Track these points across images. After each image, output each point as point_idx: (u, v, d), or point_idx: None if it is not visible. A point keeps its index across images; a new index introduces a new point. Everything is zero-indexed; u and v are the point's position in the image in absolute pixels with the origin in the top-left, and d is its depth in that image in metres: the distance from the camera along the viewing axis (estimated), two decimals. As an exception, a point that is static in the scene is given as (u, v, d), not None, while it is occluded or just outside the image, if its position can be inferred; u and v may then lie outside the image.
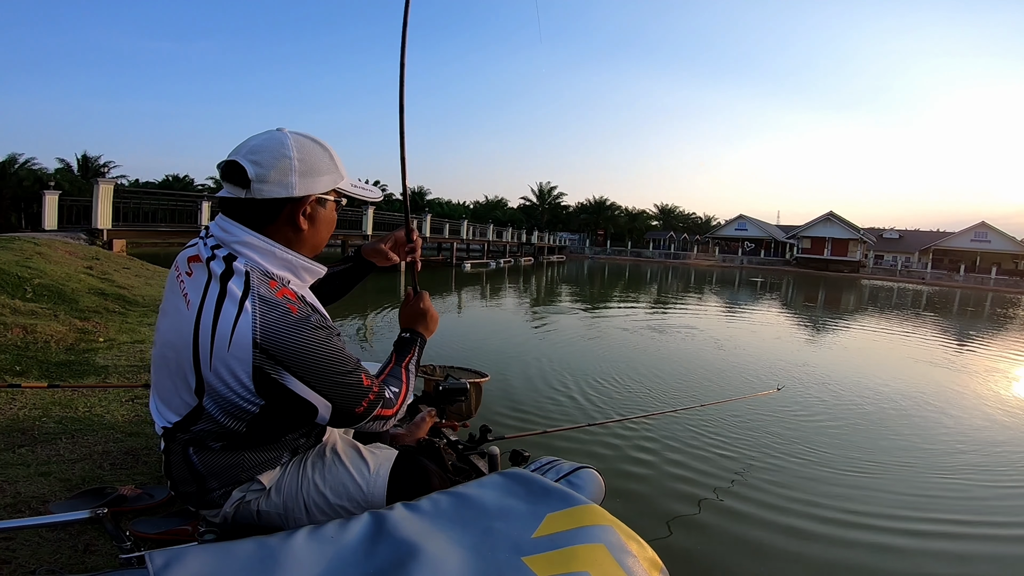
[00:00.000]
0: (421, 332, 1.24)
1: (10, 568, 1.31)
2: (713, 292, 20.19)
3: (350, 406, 0.96)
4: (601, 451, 3.64)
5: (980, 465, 3.90)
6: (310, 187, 0.95)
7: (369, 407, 0.98)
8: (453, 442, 1.84)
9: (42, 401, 2.59)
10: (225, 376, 0.88)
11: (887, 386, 6.11)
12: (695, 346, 8.12)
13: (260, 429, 0.96)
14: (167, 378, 0.96)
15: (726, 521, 2.85)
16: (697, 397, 4.94)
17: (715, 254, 47.06)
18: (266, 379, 0.88)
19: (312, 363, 0.89)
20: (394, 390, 1.08)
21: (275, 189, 0.92)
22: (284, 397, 0.90)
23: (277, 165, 0.92)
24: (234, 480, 1.01)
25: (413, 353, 1.19)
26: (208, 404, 0.92)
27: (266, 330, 0.86)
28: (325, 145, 1.00)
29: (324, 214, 1.02)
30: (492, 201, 55.03)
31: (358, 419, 0.99)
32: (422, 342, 1.23)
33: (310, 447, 1.11)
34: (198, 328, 0.89)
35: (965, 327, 13.36)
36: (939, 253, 42.86)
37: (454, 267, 23.72)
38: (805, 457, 3.82)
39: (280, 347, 0.87)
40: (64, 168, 28.97)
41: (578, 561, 0.81)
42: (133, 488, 1.69)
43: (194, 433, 0.96)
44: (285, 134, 0.96)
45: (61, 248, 7.62)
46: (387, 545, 0.83)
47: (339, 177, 1.02)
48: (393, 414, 1.06)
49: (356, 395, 0.96)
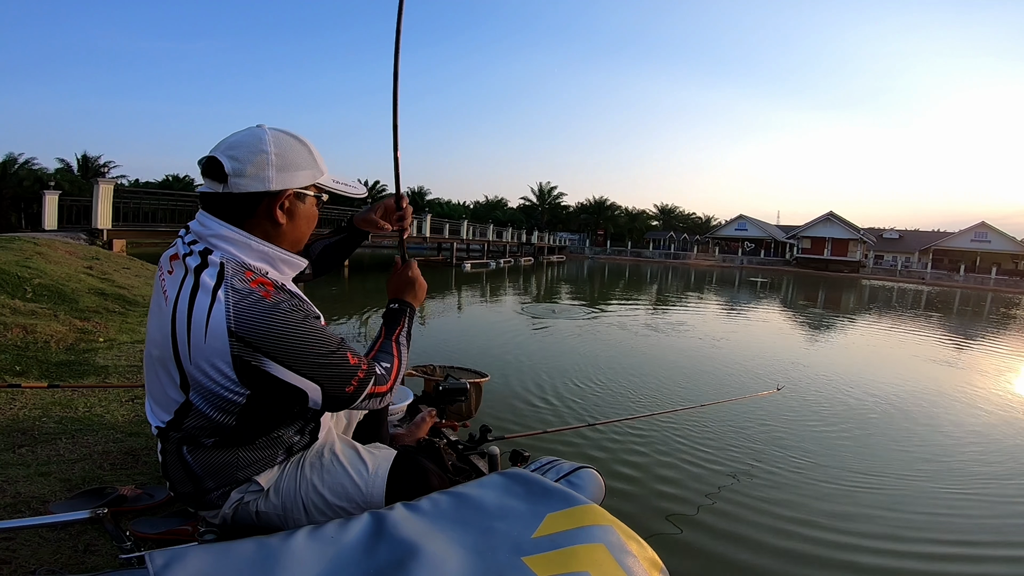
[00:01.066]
0: (409, 301, 1.21)
1: (10, 568, 1.31)
2: (713, 292, 20.18)
3: (339, 387, 0.94)
4: (601, 451, 3.64)
5: (985, 473, 3.87)
6: (287, 181, 0.96)
7: (360, 385, 0.96)
8: (453, 442, 1.84)
9: (42, 401, 2.59)
10: (206, 368, 0.88)
11: (887, 386, 6.11)
12: (695, 346, 8.12)
13: (250, 422, 0.95)
14: (156, 377, 0.96)
15: (726, 521, 2.84)
16: (697, 397, 4.94)
17: (715, 254, 47.05)
18: (247, 367, 0.87)
19: (291, 346, 0.88)
20: (385, 365, 1.05)
21: (252, 183, 0.93)
22: (269, 384, 0.89)
23: (254, 160, 0.93)
24: (230, 480, 1.01)
25: (403, 324, 1.16)
26: (195, 399, 0.92)
27: (240, 317, 0.86)
28: (304, 141, 1.01)
29: (303, 209, 1.02)
30: (492, 201, 55.03)
31: (351, 399, 0.96)
32: (411, 311, 1.20)
33: (305, 445, 1.10)
34: (175, 323, 0.89)
35: (966, 327, 13.37)
36: (939, 253, 42.85)
37: (454, 267, 23.72)
38: (805, 458, 3.82)
39: (256, 333, 0.86)
40: (64, 168, 28.98)
41: (578, 561, 0.81)
42: (133, 488, 1.69)
43: (186, 431, 0.96)
44: (264, 130, 0.97)
45: (61, 248, 7.62)
46: (387, 545, 0.83)
47: (318, 172, 1.02)
48: (388, 390, 1.04)
49: (343, 375, 0.94)
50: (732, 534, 2.73)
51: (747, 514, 2.93)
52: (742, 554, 2.59)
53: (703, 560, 2.52)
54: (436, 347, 6.98)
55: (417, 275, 1.24)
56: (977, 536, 2.89)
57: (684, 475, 3.39)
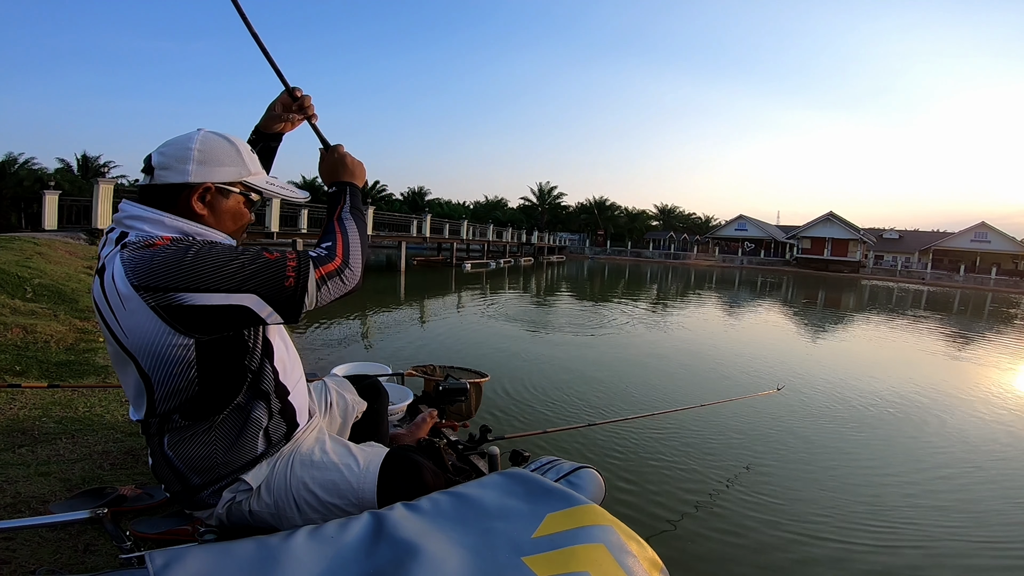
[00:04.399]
0: (346, 180, 1.15)
1: (10, 568, 1.31)
2: (713, 292, 20.18)
3: (275, 285, 0.90)
4: (601, 451, 3.64)
5: (989, 478, 3.86)
6: (206, 175, 0.99)
7: (298, 274, 0.92)
8: (453, 442, 1.84)
9: (42, 401, 2.59)
10: (140, 335, 0.88)
11: (887, 386, 6.11)
12: (695, 346, 8.11)
13: (213, 382, 0.95)
14: (121, 371, 0.98)
15: (726, 521, 2.85)
16: (697, 397, 4.93)
17: (715, 254, 47.03)
18: (172, 311, 0.86)
19: (198, 271, 0.86)
20: (326, 244, 1.00)
21: (172, 175, 0.97)
22: (204, 319, 0.87)
23: (178, 155, 0.97)
24: (215, 475, 1.02)
25: (343, 202, 1.10)
26: (149, 370, 0.92)
27: (136, 270, 0.86)
28: (234, 141, 1.04)
29: (227, 204, 1.03)
30: (492, 201, 54.98)
31: (298, 293, 0.91)
32: (352, 189, 1.13)
33: (284, 435, 1.09)
34: (102, 311, 0.92)
35: (966, 327, 13.36)
36: (939, 253, 42.81)
37: (454, 267, 23.72)
38: (805, 458, 3.82)
39: (157, 276, 0.85)
40: (64, 168, 28.93)
41: (578, 561, 0.81)
42: (133, 488, 1.69)
43: (161, 416, 0.97)
44: (198, 131, 1.01)
45: (61, 248, 7.62)
46: (387, 545, 0.83)
47: (244, 171, 1.04)
48: (341, 267, 0.97)
49: (272, 272, 0.90)
50: (732, 534, 2.74)
51: (747, 514, 2.93)
52: (742, 554, 2.59)
53: (703, 560, 2.52)
54: (436, 347, 6.98)
55: (345, 155, 1.17)
56: (977, 536, 2.89)
57: (684, 475, 3.39)
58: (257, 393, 1.03)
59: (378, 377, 1.62)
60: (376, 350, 6.83)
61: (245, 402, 1.02)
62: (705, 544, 2.64)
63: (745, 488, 3.25)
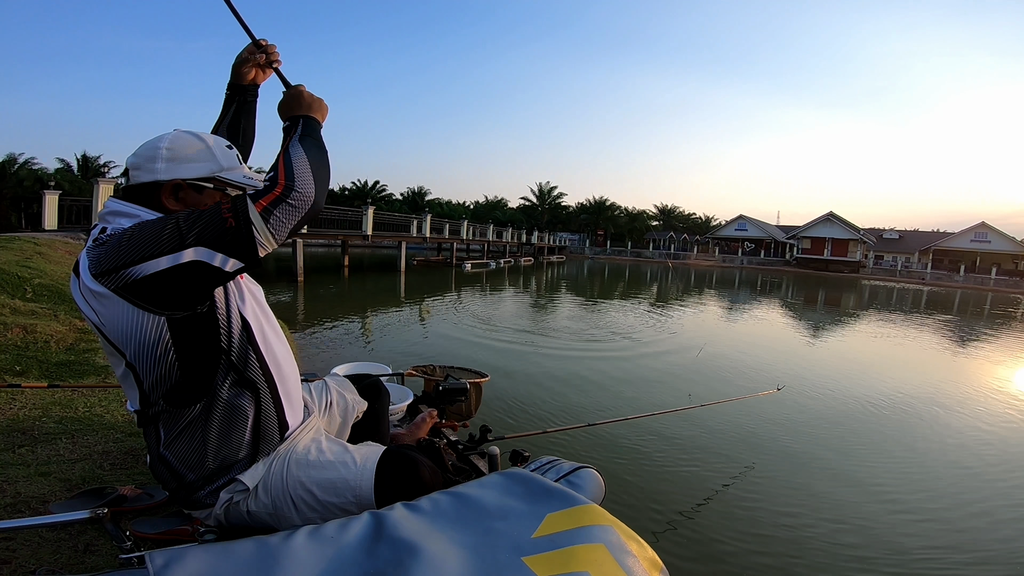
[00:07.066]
0: (301, 114, 1.07)
1: (10, 568, 1.31)
2: (713, 292, 20.18)
3: (216, 229, 0.87)
4: (601, 451, 3.64)
5: (985, 474, 3.88)
6: (176, 172, 1.01)
7: (237, 212, 0.88)
8: (453, 442, 1.84)
9: (42, 401, 2.59)
10: (115, 321, 0.91)
11: (887, 386, 6.11)
12: (695, 345, 8.11)
13: (191, 363, 0.96)
14: (114, 365, 1.01)
15: (726, 521, 2.85)
16: (697, 397, 4.93)
17: (715, 254, 47.01)
18: (131, 288, 0.88)
19: (139, 239, 0.87)
20: (268, 176, 0.95)
21: (143, 175, 1.01)
22: (162, 284, 0.87)
23: (149, 155, 1.01)
24: (207, 471, 1.02)
25: (294, 134, 1.02)
26: (133, 359, 0.94)
27: (94, 261, 0.90)
28: (204, 138, 1.06)
29: (200, 199, 1.04)
30: (492, 201, 54.97)
31: (244, 228, 0.87)
32: (305, 121, 1.05)
33: (275, 427, 1.09)
34: (79, 303, 0.96)
35: (966, 327, 13.36)
36: (939, 253, 42.78)
37: (454, 267, 23.71)
38: (805, 458, 3.82)
39: (107, 260, 0.89)
40: (64, 168, 28.95)
41: (578, 561, 0.81)
42: (133, 488, 1.69)
43: (153, 407, 0.99)
44: (171, 131, 1.05)
45: (61, 248, 7.62)
46: (387, 545, 0.83)
47: (216, 166, 1.05)
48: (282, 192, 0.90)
49: (208, 218, 0.88)
50: (732, 533, 2.74)
51: (747, 513, 2.93)
52: (742, 554, 2.59)
53: (703, 560, 2.52)
54: (436, 347, 6.98)
55: (303, 90, 1.11)
56: (978, 535, 2.89)
57: (684, 475, 3.39)
58: (243, 382, 1.03)
59: (378, 377, 1.62)
60: (376, 350, 6.83)
61: (233, 393, 1.02)
62: (705, 544, 2.64)
63: (745, 488, 3.25)
